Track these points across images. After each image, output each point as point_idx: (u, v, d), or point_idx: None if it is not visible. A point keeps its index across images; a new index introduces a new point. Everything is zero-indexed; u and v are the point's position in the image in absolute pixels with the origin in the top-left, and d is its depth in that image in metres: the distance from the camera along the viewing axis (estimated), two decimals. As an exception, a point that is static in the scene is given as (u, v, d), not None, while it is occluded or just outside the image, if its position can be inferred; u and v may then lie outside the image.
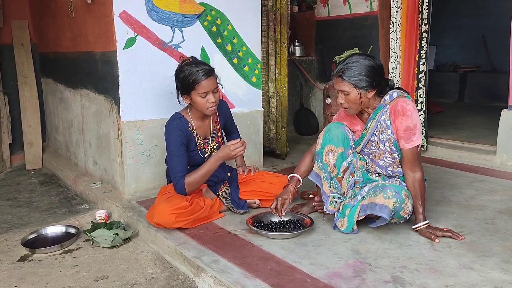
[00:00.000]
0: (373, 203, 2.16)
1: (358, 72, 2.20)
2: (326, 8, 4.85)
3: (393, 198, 2.11)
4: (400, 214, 2.16)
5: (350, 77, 2.21)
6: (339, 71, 2.25)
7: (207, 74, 2.42)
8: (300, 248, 2.16)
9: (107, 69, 3.01)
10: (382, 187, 2.20)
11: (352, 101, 2.26)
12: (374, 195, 2.19)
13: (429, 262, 1.97)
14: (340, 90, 2.27)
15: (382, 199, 2.13)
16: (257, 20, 3.43)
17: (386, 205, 2.12)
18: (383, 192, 2.15)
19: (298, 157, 4.01)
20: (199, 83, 2.42)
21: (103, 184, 3.34)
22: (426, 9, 3.78)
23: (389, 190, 2.14)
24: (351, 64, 2.22)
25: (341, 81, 2.25)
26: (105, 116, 3.16)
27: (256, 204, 2.70)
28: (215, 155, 2.50)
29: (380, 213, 2.12)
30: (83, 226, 2.86)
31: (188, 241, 2.29)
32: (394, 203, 2.11)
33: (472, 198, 2.79)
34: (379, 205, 2.13)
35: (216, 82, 2.49)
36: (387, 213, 2.11)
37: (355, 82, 2.21)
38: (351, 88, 2.23)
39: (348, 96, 2.25)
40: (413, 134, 2.25)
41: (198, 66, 2.43)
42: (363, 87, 2.22)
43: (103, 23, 2.95)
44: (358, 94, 2.23)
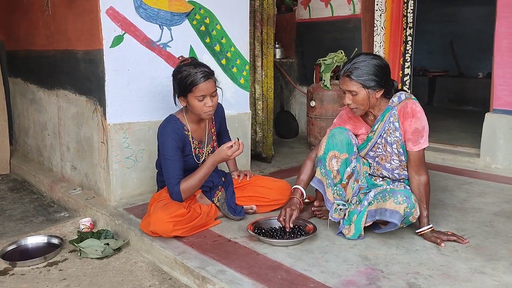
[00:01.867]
0: (383, 208, 2.11)
1: (367, 72, 2.16)
2: (307, 10, 4.82)
3: (404, 203, 2.07)
4: (409, 219, 2.12)
5: (358, 76, 2.17)
6: (346, 71, 2.20)
7: (206, 76, 2.31)
8: (307, 255, 2.09)
9: (91, 68, 2.84)
10: (391, 192, 2.15)
11: (360, 102, 2.21)
12: (383, 200, 2.14)
13: (441, 267, 1.94)
14: (348, 90, 2.22)
15: (393, 204, 2.09)
16: (246, 20, 3.35)
17: (397, 210, 2.07)
18: (393, 197, 2.10)
19: (284, 161, 3.97)
20: (196, 86, 2.30)
21: (84, 190, 3.15)
22: (411, 13, 3.82)
23: (399, 195, 2.10)
24: (359, 63, 2.18)
25: (349, 81, 2.19)
26: (88, 118, 2.98)
27: (253, 209, 2.61)
28: (211, 159, 2.39)
29: (390, 219, 2.08)
30: (66, 236, 2.68)
31: (188, 250, 2.17)
32: (405, 208, 2.07)
33: (465, 201, 2.81)
34: (390, 210, 2.09)
35: (215, 85, 2.38)
36: (397, 218, 2.07)
37: (363, 81, 2.17)
38: (360, 88, 2.18)
39: (356, 97, 2.20)
40: (421, 136, 2.23)
41: (197, 68, 2.32)
42: (372, 86, 2.18)
43: (87, 19, 2.78)
44: (366, 94, 2.19)
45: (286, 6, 5.19)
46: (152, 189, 2.95)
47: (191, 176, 2.37)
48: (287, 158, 4.05)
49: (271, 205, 2.64)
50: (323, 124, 4.14)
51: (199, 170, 2.38)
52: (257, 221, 2.39)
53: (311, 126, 4.25)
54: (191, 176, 2.37)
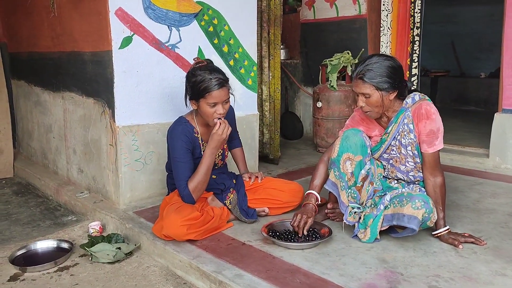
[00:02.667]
0: (401, 213, 2.07)
1: (380, 74, 2.12)
2: (311, 10, 4.80)
3: (422, 208, 2.03)
4: (427, 224, 2.09)
5: (371, 78, 2.13)
6: (359, 73, 2.16)
7: (220, 84, 2.27)
8: (324, 258, 2.06)
9: (99, 70, 2.80)
10: (408, 196, 2.10)
11: (374, 104, 2.18)
12: (400, 205, 2.10)
13: (461, 270, 1.92)
14: (361, 93, 2.18)
15: (411, 209, 2.04)
16: (253, 20, 3.32)
17: (415, 216, 2.03)
18: (411, 202, 2.06)
19: (290, 162, 3.94)
20: (209, 93, 2.26)
21: (91, 193, 3.11)
22: (419, 13, 3.80)
23: (417, 200, 2.05)
24: (372, 65, 2.14)
25: (362, 83, 2.16)
26: (95, 120, 2.94)
27: (265, 212, 2.58)
28: (208, 148, 2.33)
29: (408, 224, 2.03)
30: (75, 240, 2.64)
31: (202, 254, 2.14)
32: (423, 213, 2.02)
33: (478, 202, 2.79)
34: (408, 216, 2.04)
35: (228, 93, 2.34)
36: (416, 224, 2.02)
37: (377, 84, 2.13)
38: (373, 91, 2.15)
39: (370, 99, 2.17)
40: (436, 138, 2.20)
41: (212, 74, 2.28)
42: (385, 88, 2.15)
43: (95, 20, 2.74)
44: (380, 96, 2.16)
45: (290, 7, 5.16)
46: (161, 191, 2.92)
47: (195, 173, 2.33)
48: (293, 160, 4.02)
49: (283, 207, 2.61)
50: (330, 125, 4.12)
51: (201, 163, 2.34)
52: (271, 224, 2.36)
53: (317, 127, 4.22)
54: (195, 173, 2.33)
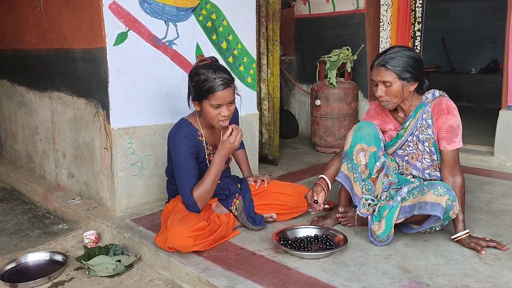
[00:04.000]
0: (423, 201, 1.97)
1: (403, 62, 2.07)
2: (306, 5, 4.66)
3: (445, 195, 1.93)
4: (449, 215, 1.98)
5: (394, 66, 2.07)
6: (382, 61, 2.10)
7: (225, 84, 2.11)
8: (342, 268, 1.93)
9: (92, 68, 2.62)
10: (430, 184, 2.01)
11: (394, 94, 2.10)
12: (421, 194, 2.00)
13: (489, 279, 1.81)
14: (382, 81, 2.11)
15: (434, 196, 1.94)
16: (252, 15, 3.17)
17: (439, 202, 1.92)
18: (433, 189, 1.96)
19: (290, 163, 3.81)
20: (213, 93, 2.11)
21: (84, 199, 2.93)
22: (420, 7, 3.70)
23: (439, 186, 1.96)
24: (395, 53, 2.09)
25: (384, 70, 2.08)
26: (88, 122, 2.76)
27: (273, 218, 2.44)
28: (217, 155, 2.20)
29: (432, 212, 1.93)
30: (69, 251, 2.46)
31: (211, 266, 1.99)
32: (447, 200, 1.92)
33: (490, 203, 2.70)
34: (431, 203, 1.94)
35: (234, 94, 2.18)
36: (440, 211, 1.92)
37: (400, 72, 2.07)
38: (395, 79, 2.08)
39: (390, 88, 2.09)
40: (456, 135, 2.13)
41: (217, 73, 2.12)
42: (407, 78, 2.09)
43: (87, 15, 2.56)
44: (401, 85, 2.09)
45: (284, 2, 4.98)
46: (160, 197, 2.77)
47: (202, 181, 2.19)
48: (293, 160, 3.88)
49: (291, 212, 2.48)
50: (329, 124, 4.00)
51: (209, 171, 2.20)
52: (282, 231, 2.22)
53: (315, 126, 4.09)
54: (202, 180, 2.19)
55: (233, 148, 2.19)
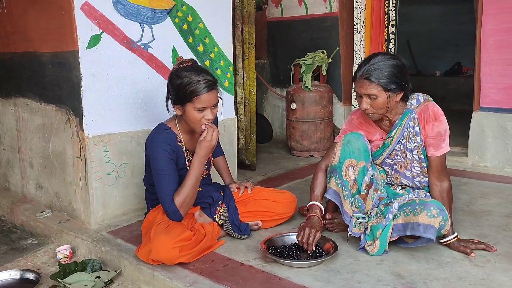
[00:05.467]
0: (415, 222, 1.92)
1: (387, 73, 1.97)
2: (278, 8, 4.62)
3: (438, 216, 1.89)
4: (441, 232, 1.96)
5: (379, 78, 1.97)
6: (365, 73, 1.99)
7: (209, 86, 2.02)
8: (335, 276, 1.88)
9: (62, 73, 2.47)
10: (422, 204, 1.95)
11: (380, 106, 2.02)
12: (413, 213, 1.95)
13: (482, 282, 1.80)
14: (366, 94, 2.01)
15: (426, 218, 1.89)
16: (228, 17, 3.09)
17: (432, 225, 1.88)
18: (426, 210, 1.91)
19: (267, 167, 3.75)
20: (198, 96, 2.01)
21: (54, 212, 2.76)
22: (393, 10, 3.72)
23: (432, 207, 1.90)
24: (378, 64, 1.98)
25: (368, 83, 1.99)
26: (58, 130, 2.60)
27: (258, 226, 2.36)
28: (196, 158, 2.08)
29: (425, 234, 1.88)
30: (41, 269, 2.30)
31: (199, 279, 1.89)
32: (440, 222, 1.88)
33: (471, 203, 2.72)
34: (424, 225, 1.89)
35: (218, 96, 2.10)
36: (433, 233, 1.87)
37: (385, 84, 1.97)
38: (380, 92, 1.99)
39: (376, 101, 2.01)
40: (443, 140, 2.10)
41: (200, 75, 2.02)
42: (392, 89, 1.99)
43: (56, 17, 2.41)
44: (386, 97, 2.00)
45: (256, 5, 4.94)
46: (137, 207, 2.64)
47: (182, 186, 2.07)
48: (270, 165, 3.82)
49: (276, 219, 2.41)
50: (305, 128, 3.97)
51: (188, 175, 2.08)
52: (270, 239, 2.15)
53: (291, 129, 4.05)
54: (182, 186, 2.07)
55: (211, 147, 2.08)
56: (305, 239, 2.00)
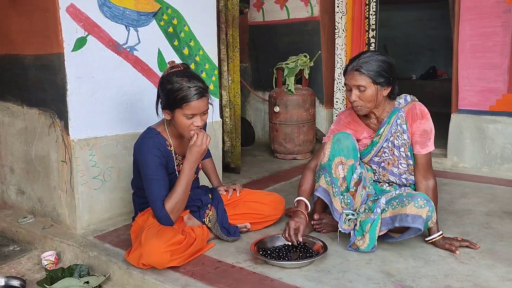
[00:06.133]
0: (404, 214, 1.98)
1: (377, 66, 2.07)
2: (260, 12, 4.65)
3: (426, 207, 1.96)
4: (428, 224, 2.01)
5: (369, 71, 2.06)
6: (356, 66, 2.09)
7: (200, 93, 2.02)
8: (326, 276, 1.90)
9: (46, 76, 2.43)
10: (409, 196, 2.02)
11: (368, 98, 2.10)
12: (401, 205, 2.01)
13: (468, 278, 1.85)
14: (356, 85, 2.10)
15: (414, 209, 1.96)
16: (213, 21, 3.10)
17: (420, 215, 1.95)
18: (413, 201, 1.98)
19: (252, 170, 3.76)
20: (188, 103, 2.00)
21: (37, 217, 2.70)
22: (374, 15, 3.80)
23: (419, 199, 1.98)
24: (368, 58, 2.09)
25: (358, 75, 2.08)
26: (41, 134, 2.56)
27: (247, 228, 2.37)
28: (187, 163, 2.07)
29: (413, 224, 1.94)
30: (25, 275, 2.25)
31: (191, 282, 1.88)
32: (427, 212, 1.95)
33: (452, 203, 2.80)
34: (412, 215, 1.95)
35: (208, 103, 2.09)
36: (421, 223, 1.94)
37: (374, 76, 2.07)
38: (369, 83, 2.08)
39: (364, 93, 2.09)
40: (429, 139, 2.18)
41: (191, 81, 2.01)
42: (380, 82, 2.09)
43: (40, 19, 2.38)
44: (375, 90, 2.09)
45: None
46: (123, 211, 2.62)
47: (173, 192, 2.07)
48: (254, 168, 3.84)
49: (265, 221, 2.42)
50: (288, 130, 4.00)
51: (179, 180, 2.08)
52: (260, 241, 2.16)
53: (275, 132, 4.08)
54: (172, 191, 2.07)
55: (202, 152, 2.08)
56: (291, 232, 2.04)
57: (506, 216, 2.54)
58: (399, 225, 2.00)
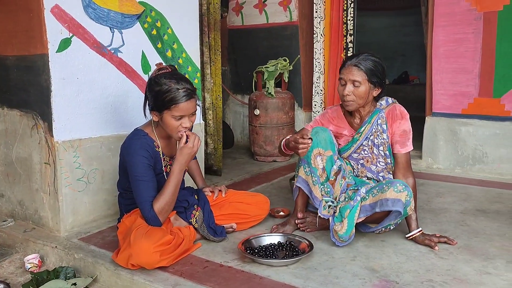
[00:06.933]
0: (384, 198, 2.08)
1: (374, 66, 2.20)
2: (239, 16, 4.70)
3: (404, 191, 2.06)
4: (407, 211, 2.10)
5: (367, 68, 2.18)
6: (354, 61, 2.20)
7: (188, 95, 2.04)
8: (313, 273, 1.95)
9: (29, 77, 2.41)
10: (389, 182, 2.13)
11: (360, 95, 2.21)
12: (381, 192, 2.11)
13: (448, 272, 1.94)
14: (352, 80, 2.20)
15: (394, 193, 2.06)
16: (196, 24, 3.12)
17: (399, 198, 2.05)
18: (392, 186, 2.08)
19: (233, 173, 3.79)
20: (176, 105, 2.02)
21: (17, 221, 2.66)
22: (351, 20, 3.90)
23: (398, 184, 2.09)
24: (366, 57, 2.21)
25: (357, 70, 2.18)
26: (23, 136, 2.52)
27: (233, 228, 2.40)
28: (177, 164, 2.09)
29: (393, 207, 2.05)
30: (8, 279, 2.22)
31: (180, 281, 1.90)
32: (406, 196, 2.06)
33: (429, 202, 2.90)
34: (391, 199, 2.05)
35: (196, 105, 2.12)
36: (400, 206, 2.04)
37: (369, 75, 2.18)
38: (364, 80, 2.19)
39: (358, 88, 2.20)
40: (408, 139, 2.29)
41: (179, 83, 2.03)
42: (374, 82, 2.21)
43: (23, 19, 2.36)
44: (368, 88, 2.21)
45: (215, 13, 5.01)
46: (107, 213, 2.61)
47: (162, 193, 2.08)
48: (235, 170, 3.87)
49: (250, 221, 2.46)
50: (268, 133, 4.05)
51: (168, 181, 2.09)
52: (247, 240, 2.19)
53: (255, 135, 4.12)
54: (161, 192, 2.09)
55: (192, 154, 2.11)
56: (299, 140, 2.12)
57: (479, 214, 2.66)
58: (379, 210, 2.10)
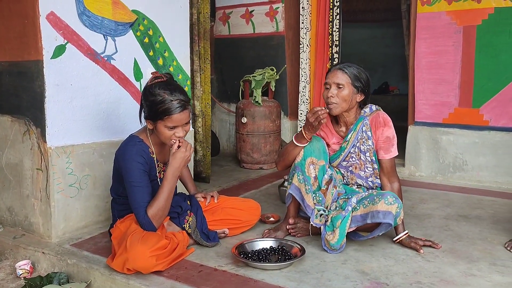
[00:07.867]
0: (375, 210, 2.15)
1: (357, 72, 2.31)
2: (226, 26, 4.77)
3: (395, 203, 2.13)
4: (397, 221, 2.18)
5: (350, 72, 2.29)
6: (340, 66, 2.32)
7: (182, 107, 2.08)
8: (306, 276, 2.01)
9: (22, 83, 2.42)
10: (380, 194, 2.20)
11: (344, 97, 2.30)
12: (373, 204, 2.17)
13: (435, 274, 2.02)
14: (336, 83, 2.30)
15: (385, 205, 2.13)
16: (186, 32, 3.17)
17: (390, 211, 2.12)
18: (383, 199, 2.15)
19: (221, 180, 3.83)
20: (170, 116, 2.06)
21: (6, 227, 2.64)
22: (337, 31, 4.00)
23: (389, 196, 2.16)
24: (352, 64, 2.34)
25: (341, 73, 2.30)
26: (14, 141, 2.52)
27: (225, 233, 2.44)
28: (170, 169, 2.12)
29: (384, 220, 2.12)
30: (-1, 285, 2.21)
31: (176, 285, 1.93)
32: (396, 208, 2.13)
33: (413, 208, 2.99)
34: (383, 212, 2.12)
35: (189, 115, 2.16)
36: (391, 218, 2.12)
37: (353, 79, 2.29)
38: (348, 84, 2.29)
39: (342, 91, 2.29)
40: (392, 145, 2.37)
41: (173, 95, 2.06)
42: (357, 87, 2.31)
43: (17, 25, 2.37)
44: (351, 92, 2.30)
45: (202, 22, 5.06)
46: (98, 219, 2.62)
47: (156, 198, 2.11)
48: (223, 177, 3.91)
49: (242, 226, 2.50)
50: (255, 141, 4.11)
51: (162, 187, 2.12)
52: (240, 245, 2.24)
53: (242, 143, 4.17)
54: (155, 198, 2.11)
55: (186, 159, 2.14)
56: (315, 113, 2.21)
57: (462, 219, 2.76)
58: (371, 222, 2.17)
